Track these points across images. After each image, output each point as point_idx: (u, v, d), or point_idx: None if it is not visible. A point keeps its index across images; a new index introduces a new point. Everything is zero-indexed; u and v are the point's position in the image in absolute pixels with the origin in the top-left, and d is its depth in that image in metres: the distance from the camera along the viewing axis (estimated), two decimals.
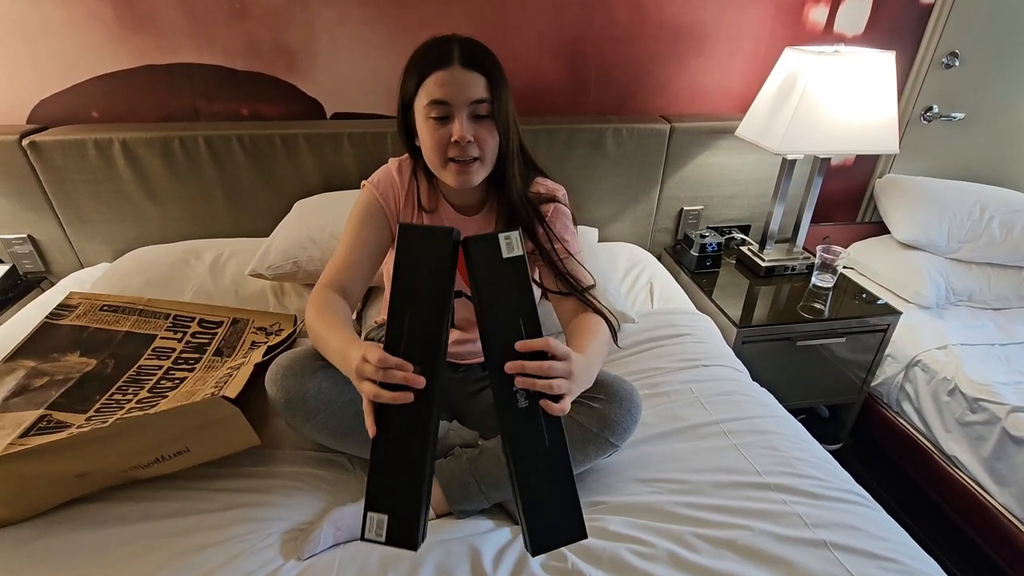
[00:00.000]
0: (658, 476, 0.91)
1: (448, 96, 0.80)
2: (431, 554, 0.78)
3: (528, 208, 0.93)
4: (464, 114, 0.81)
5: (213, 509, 0.83)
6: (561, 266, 0.91)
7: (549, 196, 0.96)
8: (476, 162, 0.84)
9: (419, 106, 0.83)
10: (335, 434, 0.87)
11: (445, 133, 0.81)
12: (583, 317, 0.88)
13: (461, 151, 0.82)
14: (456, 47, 0.81)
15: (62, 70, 1.42)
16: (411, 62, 0.84)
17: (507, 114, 0.84)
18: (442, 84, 0.79)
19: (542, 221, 0.93)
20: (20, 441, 0.75)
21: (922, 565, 0.76)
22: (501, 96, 0.82)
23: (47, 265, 1.56)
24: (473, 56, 0.81)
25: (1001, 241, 1.67)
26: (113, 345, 1.00)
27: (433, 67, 0.80)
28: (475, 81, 0.80)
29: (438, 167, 0.86)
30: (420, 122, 0.84)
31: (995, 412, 1.31)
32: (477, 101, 0.81)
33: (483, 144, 0.83)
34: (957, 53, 1.73)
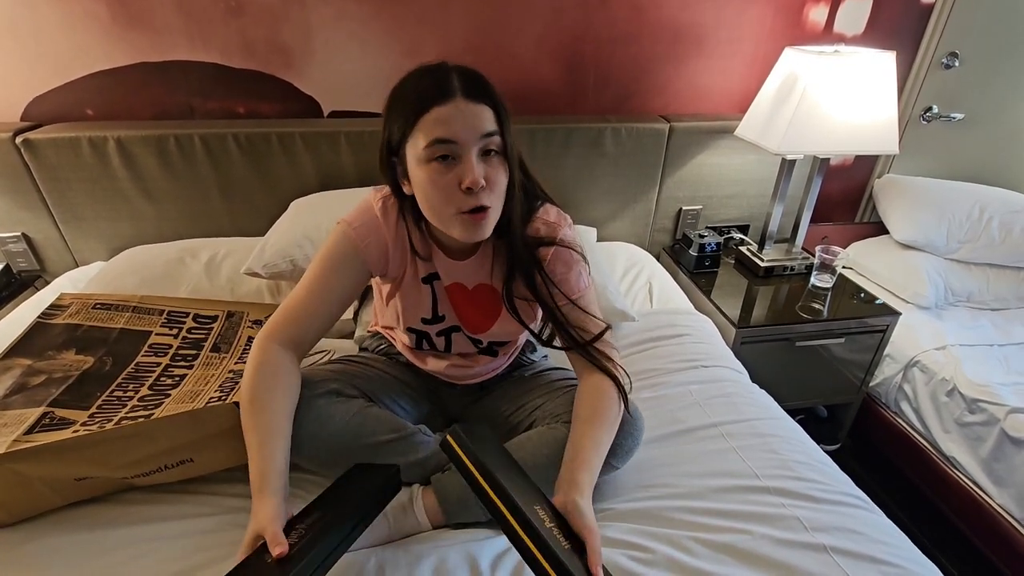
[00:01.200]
0: (657, 481, 0.91)
1: (455, 134, 0.69)
2: (428, 559, 0.78)
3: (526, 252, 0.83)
4: (474, 153, 0.71)
5: (208, 514, 0.83)
6: (560, 317, 0.83)
7: (549, 238, 0.85)
8: (488, 211, 0.73)
9: (415, 149, 0.72)
10: (325, 463, 0.85)
11: (452, 178, 0.71)
12: (591, 386, 0.82)
13: (472, 199, 0.71)
14: (455, 76, 0.71)
15: (56, 67, 1.41)
16: (398, 97, 0.74)
17: (513, 151, 0.76)
18: (446, 120, 0.69)
19: (540, 269, 0.83)
20: (25, 438, 0.74)
21: (922, 569, 0.76)
22: (509, 128, 0.74)
23: (42, 264, 1.54)
24: (476, 85, 0.71)
25: (1000, 242, 1.67)
26: (109, 343, 1.00)
27: (432, 102, 0.69)
28: (483, 113, 0.71)
29: (443, 220, 0.75)
30: (416, 168, 0.73)
31: (994, 413, 1.31)
32: (487, 134, 0.71)
33: (493, 186, 0.73)
34: (957, 53, 1.72)
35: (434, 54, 1.50)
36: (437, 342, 0.95)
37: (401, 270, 0.88)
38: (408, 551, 0.79)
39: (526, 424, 0.93)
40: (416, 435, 0.89)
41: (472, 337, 0.94)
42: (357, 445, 0.84)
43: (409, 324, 0.93)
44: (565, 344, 0.85)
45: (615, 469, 0.86)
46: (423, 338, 0.95)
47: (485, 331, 0.93)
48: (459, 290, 0.91)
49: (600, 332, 0.84)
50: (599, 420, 0.78)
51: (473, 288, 0.91)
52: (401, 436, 0.87)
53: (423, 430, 0.91)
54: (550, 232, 0.85)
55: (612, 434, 0.80)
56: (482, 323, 0.93)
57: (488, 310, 0.92)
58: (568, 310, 0.84)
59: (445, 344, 0.96)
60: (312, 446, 0.82)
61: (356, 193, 1.45)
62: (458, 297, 0.91)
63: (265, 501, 0.66)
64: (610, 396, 0.80)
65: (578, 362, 0.86)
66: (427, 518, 0.84)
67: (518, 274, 0.84)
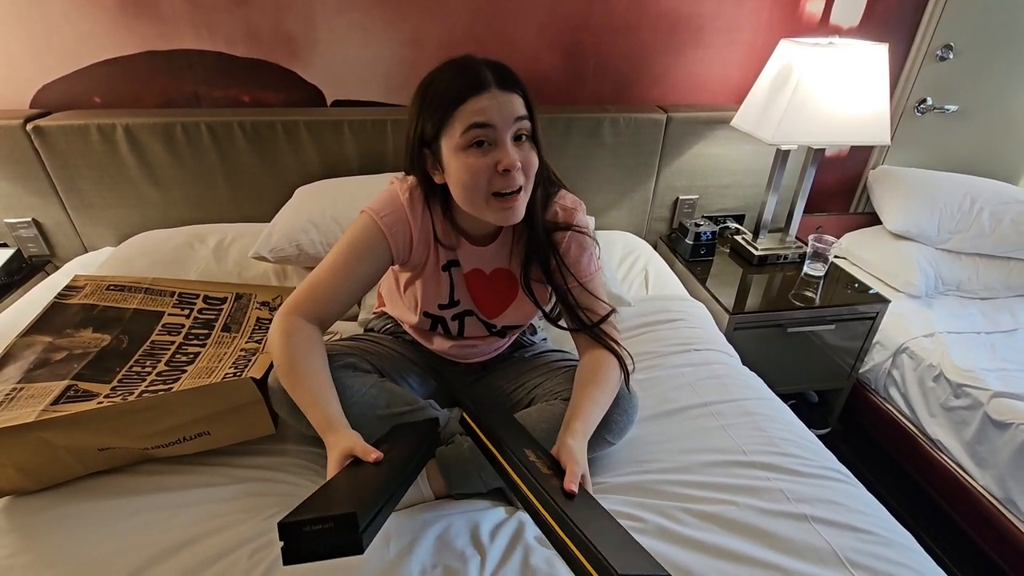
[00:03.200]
0: (649, 456, 0.95)
1: (492, 118, 0.73)
2: (432, 527, 0.82)
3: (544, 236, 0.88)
4: (509, 137, 0.75)
5: (223, 483, 0.87)
6: (571, 299, 0.88)
7: (565, 223, 0.90)
8: (520, 194, 0.78)
9: (451, 139, 0.75)
10: None
11: (489, 161, 0.75)
12: (594, 358, 0.87)
13: (508, 181, 0.76)
14: (486, 69, 0.75)
15: (64, 56, 1.43)
16: (432, 93, 0.76)
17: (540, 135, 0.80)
18: (483, 109, 0.73)
19: (556, 253, 0.89)
20: (53, 408, 0.78)
21: (898, 537, 0.80)
22: (536, 115, 0.79)
23: (51, 249, 1.58)
24: (507, 76, 0.76)
25: (990, 232, 1.70)
26: (124, 322, 1.03)
27: (468, 92, 0.73)
28: (515, 101, 0.76)
29: (479, 205, 0.78)
30: (452, 157, 0.76)
31: (978, 397, 1.35)
32: (520, 118, 0.76)
33: (528, 169, 0.78)
34: (951, 46, 1.75)
35: (436, 43, 1.53)
36: (451, 326, 0.99)
37: (423, 258, 0.91)
38: (413, 519, 0.83)
39: (526, 401, 0.97)
40: (426, 409, 0.93)
41: (486, 321, 0.98)
42: (372, 416, 0.88)
43: (426, 309, 0.97)
44: (573, 325, 0.90)
45: (611, 445, 0.90)
46: (438, 322, 0.99)
47: (500, 315, 0.97)
48: (478, 276, 0.94)
49: (606, 314, 0.90)
50: (598, 382, 0.84)
51: (491, 273, 0.94)
52: (413, 409, 0.91)
53: (432, 404, 0.96)
54: (567, 217, 0.91)
55: (610, 397, 0.85)
56: (498, 307, 0.97)
57: (504, 294, 0.96)
58: (578, 292, 0.90)
59: (459, 328, 0.99)
60: None
61: (359, 180, 1.48)
62: (476, 283, 0.95)
63: (341, 433, 0.73)
64: (612, 366, 0.86)
65: (582, 341, 0.91)
66: (431, 488, 0.88)
67: (535, 257, 0.89)
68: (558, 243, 0.90)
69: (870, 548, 0.77)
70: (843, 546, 0.77)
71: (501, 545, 0.80)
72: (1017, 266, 1.74)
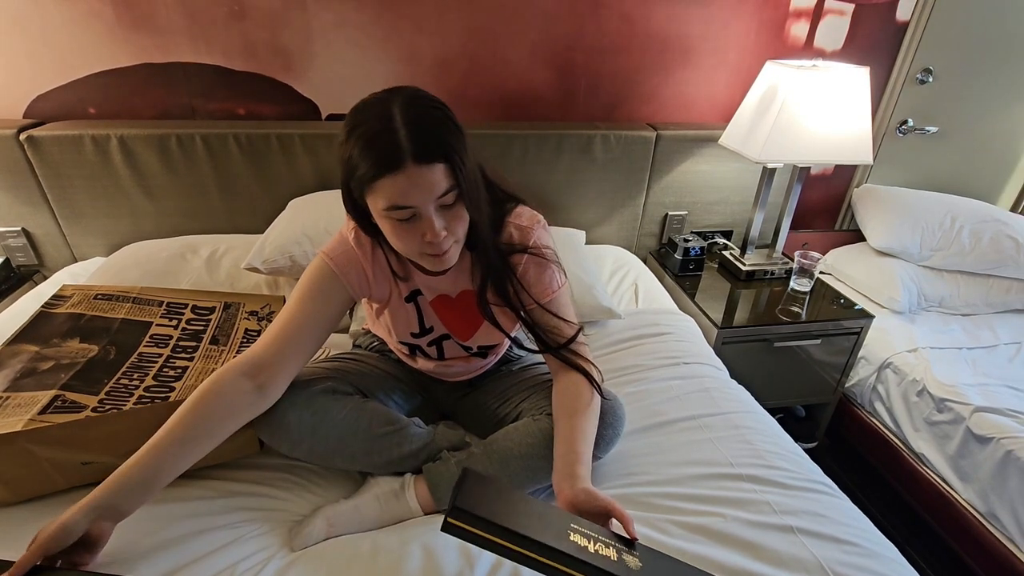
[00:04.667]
0: (637, 469, 0.95)
1: (411, 200, 0.69)
2: (420, 541, 0.81)
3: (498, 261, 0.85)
4: (432, 210, 0.71)
5: (210, 497, 0.86)
6: (531, 320, 0.87)
7: (521, 245, 0.87)
8: (451, 248, 0.76)
9: (373, 205, 0.72)
10: (322, 457, 0.89)
11: (415, 232, 0.73)
12: (570, 383, 0.86)
13: (435, 247, 0.74)
14: (403, 136, 0.66)
15: (60, 66, 1.44)
16: (351, 154, 0.70)
17: (474, 186, 0.74)
18: (399, 190, 0.68)
19: (512, 276, 0.86)
20: (39, 418, 0.78)
21: (881, 549, 0.82)
22: (464, 173, 0.71)
23: (40, 259, 1.57)
24: (426, 145, 0.67)
25: (970, 250, 1.75)
26: (111, 332, 1.03)
27: (382, 170, 0.67)
28: (435, 175, 0.68)
29: (412, 256, 0.78)
30: (379, 218, 0.74)
31: (960, 412, 1.37)
32: (443, 194, 0.70)
33: (455, 230, 0.75)
34: (931, 70, 1.81)
35: (430, 60, 1.56)
36: (429, 351, 0.99)
37: (387, 292, 0.91)
38: (400, 535, 0.83)
39: (513, 416, 0.97)
40: (410, 427, 0.93)
41: (462, 344, 0.98)
42: (354, 439, 0.88)
43: (400, 339, 0.97)
44: (540, 347, 0.89)
45: (597, 459, 0.91)
46: (415, 349, 0.99)
47: (472, 336, 0.97)
48: (444, 301, 0.94)
49: (574, 334, 0.88)
50: (581, 413, 0.83)
51: (457, 296, 0.93)
52: (396, 429, 0.91)
53: (416, 422, 0.96)
54: (523, 237, 0.87)
55: (595, 423, 0.84)
56: (468, 330, 0.96)
57: (472, 317, 0.94)
58: (540, 314, 0.88)
59: (437, 352, 0.99)
60: (312, 440, 0.85)
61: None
62: (443, 308, 0.94)
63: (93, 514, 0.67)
64: (586, 390, 0.85)
65: (552, 362, 0.90)
66: (418, 504, 0.88)
67: (490, 282, 0.87)
68: (515, 265, 0.87)
69: (855, 560, 0.78)
70: (828, 558, 0.78)
71: (490, 559, 0.80)
72: (997, 283, 1.78)
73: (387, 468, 0.92)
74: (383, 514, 0.87)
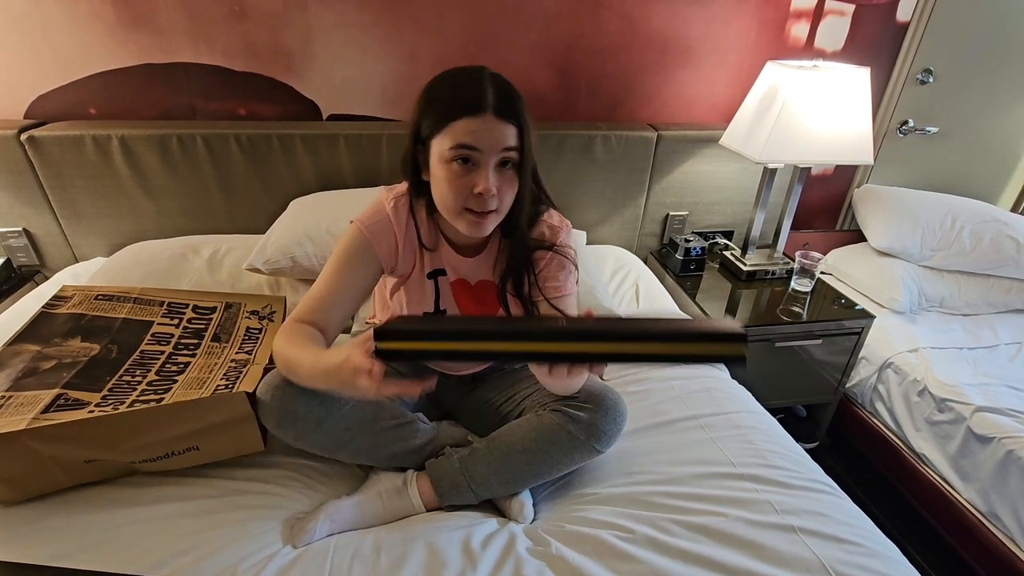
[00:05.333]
0: (639, 468, 0.96)
1: (479, 143, 0.75)
2: (422, 538, 0.82)
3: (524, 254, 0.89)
4: (492, 163, 0.76)
5: (213, 496, 0.86)
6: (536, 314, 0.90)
7: (549, 242, 0.92)
8: (493, 214, 0.80)
9: (440, 147, 0.77)
10: (327, 448, 0.89)
11: (467, 181, 0.77)
12: None
13: (481, 203, 0.78)
14: (490, 91, 0.75)
15: (60, 67, 1.44)
16: (435, 95, 0.79)
17: (531, 162, 0.81)
18: (473, 131, 0.74)
19: (531, 270, 0.90)
20: (43, 417, 0.78)
21: (884, 548, 0.82)
22: (529, 145, 0.78)
23: (42, 259, 1.57)
24: (508, 105, 0.76)
25: (971, 250, 1.75)
26: (113, 332, 1.03)
27: (464, 111, 0.74)
28: (508, 131, 0.76)
29: (452, 213, 0.81)
30: (438, 163, 0.78)
31: (961, 412, 1.37)
32: (507, 149, 0.76)
33: (503, 195, 0.80)
34: (931, 70, 1.81)
35: (431, 60, 1.56)
36: None
37: (409, 267, 0.93)
38: (403, 531, 0.84)
39: (516, 413, 0.97)
40: (415, 423, 0.94)
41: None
42: (360, 431, 0.88)
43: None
44: None
45: (599, 453, 0.91)
46: None
47: None
48: (463, 286, 0.96)
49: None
50: None
51: (476, 284, 0.96)
52: (401, 423, 0.92)
53: (421, 418, 0.97)
54: (552, 236, 0.92)
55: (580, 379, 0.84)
56: None
57: (487, 306, 0.97)
58: (546, 309, 0.90)
59: None
60: (318, 431, 0.86)
61: (354, 194, 1.50)
62: (461, 293, 0.96)
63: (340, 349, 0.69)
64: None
65: None
66: (421, 501, 0.89)
67: (512, 272, 0.90)
68: (537, 260, 0.91)
69: (856, 559, 0.79)
70: (830, 557, 0.78)
71: (492, 556, 0.80)
72: (997, 283, 1.78)
73: (390, 463, 0.92)
74: (385, 511, 0.88)
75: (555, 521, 0.88)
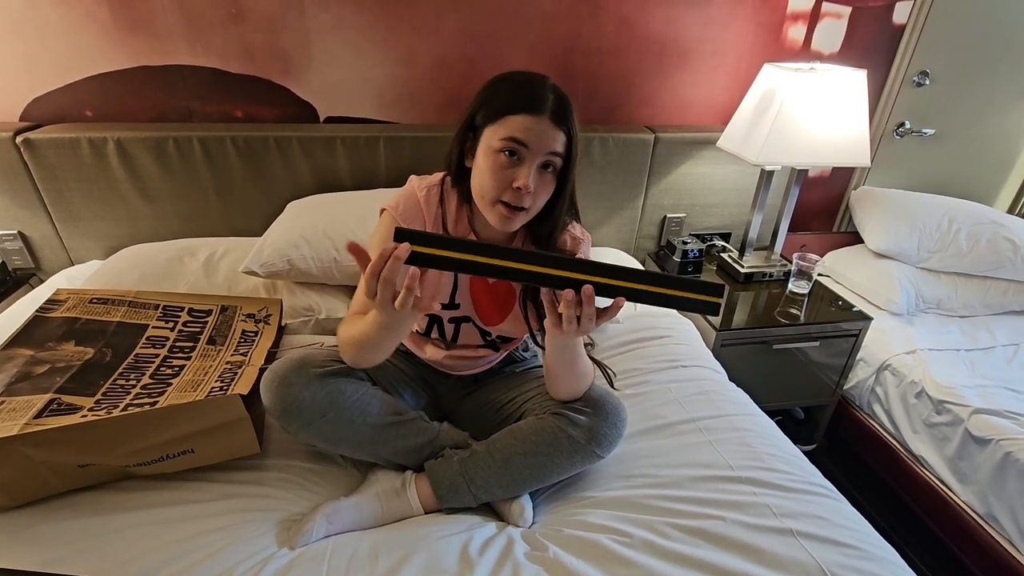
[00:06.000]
0: (637, 471, 0.96)
1: (529, 140, 0.78)
2: (421, 543, 0.81)
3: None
4: (536, 162, 0.80)
5: (208, 499, 0.86)
6: None
7: (571, 251, 0.95)
8: (523, 212, 0.83)
9: (492, 136, 0.80)
10: (329, 440, 0.89)
11: (509, 174, 0.80)
12: None
13: (517, 197, 0.81)
14: (551, 97, 0.80)
15: (56, 69, 1.44)
16: (498, 89, 0.83)
17: (571, 171, 0.85)
18: (527, 128, 0.78)
19: None
20: (35, 422, 0.77)
21: (880, 551, 0.82)
22: (574, 156, 0.83)
23: (37, 262, 1.56)
24: (563, 113, 0.80)
25: (968, 252, 1.75)
26: (107, 335, 1.03)
27: (524, 108, 0.79)
28: (558, 136, 0.80)
29: (486, 202, 0.83)
30: (485, 151, 0.82)
31: (958, 414, 1.38)
32: (553, 153, 0.80)
33: (537, 196, 0.82)
34: (928, 72, 1.81)
35: (428, 63, 1.56)
36: (447, 330, 1.00)
37: None
38: (401, 534, 0.83)
39: (516, 415, 0.97)
40: (417, 420, 0.94)
41: (482, 329, 1.00)
42: (364, 423, 0.88)
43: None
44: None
45: (600, 458, 0.91)
46: (435, 323, 1.00)
47: (496, 324, 0.99)
48: (482, 282, 0.97)
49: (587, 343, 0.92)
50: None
51: (493, 281, 0.97)
52: (404, 419, 0.92)
53: (422, 416, 0.97)
54: (575, 246, 0.95)
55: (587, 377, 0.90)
56: (495, 316, 0.99)
57: (503, 305, 0.98)
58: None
59: (453, 333, 1.00)
60: (322, 422, 0.86)
61: (352, 196, 1.49)
62: (479, 288, 0.97)
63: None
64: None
65: None
66: (420, 503, 0.88)
67: None
68: None
69: (854, 563, 0.78)
70: (828, 560, 0.78)
71: (491, 561, 0.80)
72: (994, 285, 1.78)
73: (391, 459, 0.92)
74: (384, 512, 0.88)
75: (553, 525, 0.88)
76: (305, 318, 1.33)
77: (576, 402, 0.90)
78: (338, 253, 1.33)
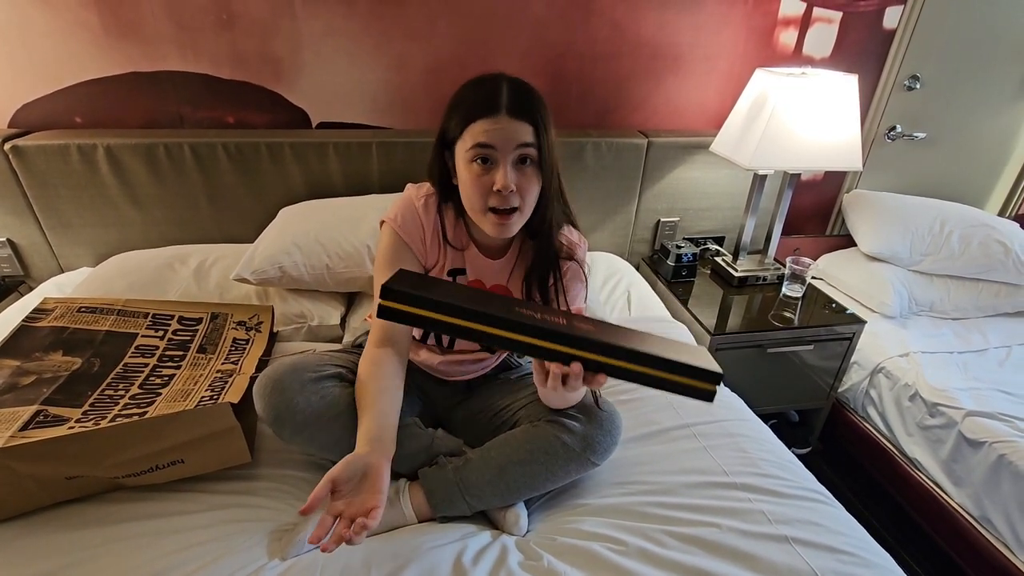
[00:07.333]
0: (631, 478, 0.95)
1: (493, 141, 0.78)
2: (414, 553, 0.80)
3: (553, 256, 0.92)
4: (509, 161, 0.79)
5: (197, 510, 0.85)
6: None
7: (568, 254, 0.94)
8: (516, 213, 0.82)
9: (462, 149, 0.81)
10: (323, 446, 0.88)
11: (488, 180, 0.80)
12: None
13: (502, 200, 0.80)
14: (505, 92, 0.79)
15: (45, 75, 1.42)
16: (456, 101, 0.83)
17: (552, 160, 0.83)
18: (487, 131, 0.78)
19: (557, 271, 0.92)
20: (21, 435, 0.76)
21: (876, 558, 0.81)
22: (547, 142, 0.81)
23: (26, 269, 1.55)
24: (521, 104, 0.79)
25: (960, 254, 1.76)
26: (95, 344, 1.01)
27: (480, 113, 0.78)
28: (522, 129, 0.79)
29: (478, 214, 0.84)
30: (462, 165, 0.82)
31: (952, 416, 1.38)
32: (523, 145, 0.79)
33: (524, 192, 0.82)
34: (918, 76, 1.82)
35: (421, 68, 1.55)
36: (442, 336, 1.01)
37: (433, 261, 0.95)
38: (394, 545, 0.82)
39: (511, 423, 0.96)
40: (411, 427, 0.93)
41: None
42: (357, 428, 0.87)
43: None
44: None
45: (595, 466, 0.90)
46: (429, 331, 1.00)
47: None
48: (478, 283, 0.97)
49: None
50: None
51: (490, 287, 0.97)
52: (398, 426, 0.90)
53: (417, 423, 0.96)
54: (571, 249, 0.95)
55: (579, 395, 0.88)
56: None
57: None
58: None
59: (450, 339, 1.01)
60: (315, 427, 0.85)
61: (344, 202, 1.48)
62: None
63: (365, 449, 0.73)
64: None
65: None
66: (413, 511, 0.87)
67: (535, 275, 0.91)
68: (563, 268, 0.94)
69: (850, 569, 0.78)
70: (823, 567, 0.77)
71: (484, 571, 0.79)
72: (986, 287, 1.79)
73: None
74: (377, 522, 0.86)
75: (547, 533, 0.87)
76: (297, 325, 1.32)
77: (571, 409, 0.90)
78: (330, 260, 1.32)
